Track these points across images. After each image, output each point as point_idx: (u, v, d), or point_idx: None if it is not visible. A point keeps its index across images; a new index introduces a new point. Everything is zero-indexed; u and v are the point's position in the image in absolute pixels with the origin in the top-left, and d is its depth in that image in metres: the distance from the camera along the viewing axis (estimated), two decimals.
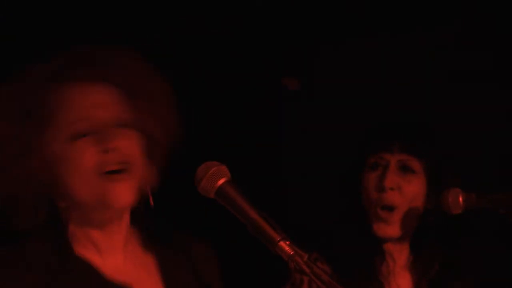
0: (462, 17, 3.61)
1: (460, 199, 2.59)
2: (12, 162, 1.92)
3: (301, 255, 1.84)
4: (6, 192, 1.93)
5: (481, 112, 3.61)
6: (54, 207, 1.97)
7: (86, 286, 1.96)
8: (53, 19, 3.25)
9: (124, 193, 1.91)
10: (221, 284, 2.18)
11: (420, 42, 3.63)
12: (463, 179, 2.72)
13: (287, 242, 1.86)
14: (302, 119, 3.64)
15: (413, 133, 2.75)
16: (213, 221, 2.40)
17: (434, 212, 2.68)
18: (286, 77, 3.50)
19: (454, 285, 2.73)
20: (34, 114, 1.93)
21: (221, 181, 1.92)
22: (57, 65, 1.95)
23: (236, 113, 2.58)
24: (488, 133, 3.60)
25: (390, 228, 2.70)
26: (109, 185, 1.90)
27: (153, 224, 2.10)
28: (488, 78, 3.64)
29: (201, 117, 3.09)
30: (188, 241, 2.15)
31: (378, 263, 2.70)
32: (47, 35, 3.09)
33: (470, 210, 2.62)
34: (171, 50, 3.20)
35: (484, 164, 3.55)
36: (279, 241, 1.85)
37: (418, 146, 2.70)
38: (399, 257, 2.74)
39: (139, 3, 3.34)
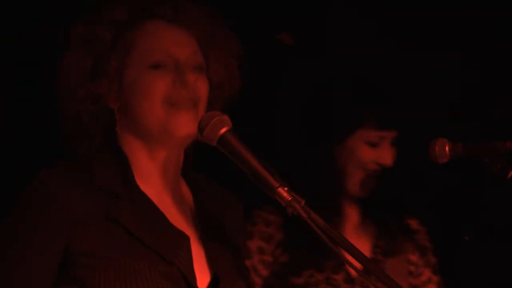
0: None
1: (447, 148, 2.65)
2: (85, 83, 2.07)
3: (298, 201, 1.91)
4: (75, 111, 2.08)
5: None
6: (113, 133, 2.11)
7: (147, 218, 2.05)
8: None
9: (187, 124, 2.04)
10: (243, 238, 2.33)
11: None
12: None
13: (285, 189, 1.92)
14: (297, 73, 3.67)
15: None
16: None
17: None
18: (281, 32, 3.57)
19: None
20: (113, 41, 2.07)
21: (223, 130, 1.98)
22: (149, 1, 2.11)
23: None
24: None
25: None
26: (174, 114, 2.03)
27: (193, 170, 2.23)
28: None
29: None
30: (222, 191, 2.30)
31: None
32: None
33: (456, 159, 2.70)
34: None
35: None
36: (277, 187, 1.92)
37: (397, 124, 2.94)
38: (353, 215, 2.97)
39: None
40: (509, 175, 2.61)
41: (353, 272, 2.85)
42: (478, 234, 3.75)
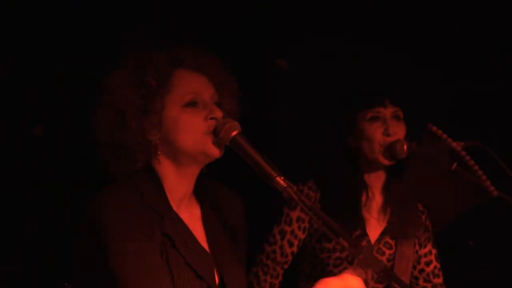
0: None
1: (405, 147, 3.25)
2: (137, 118, 2.41)
3: (291, 187, 2.30)
4: (123, 141, 2.41)
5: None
6: (149, 159, 2.45)
7: (183, 236, 2.42)
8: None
9: (220, 147, 2.43)
10: (246, 234, 2.67)
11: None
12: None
13: (282, 178, 2.31)
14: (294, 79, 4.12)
15: (395, 89, 3.39)
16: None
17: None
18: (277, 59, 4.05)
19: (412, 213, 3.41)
20: (157, 86, 2.44)
21: (234, 132, 2.39)
22: (179, 54, 2.50)
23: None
24: None
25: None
26: (209, 140, 2.42)
27: (200, 178, 2.55)
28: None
29: None
30: (224, 192, 2.65)
31: (360, 195, 3.32)
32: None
33: (412, 155, 3.25)
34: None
35: None
36: (275, 177, 2.31)
37: (400, 99, 3.35)
38: (376, 185, 3.37)
39: None
40: (453, 168, 3.20)
41: (372, 241, 3.32)
42: None
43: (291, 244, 3.31)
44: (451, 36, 4.12)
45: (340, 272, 3.17)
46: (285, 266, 3.35)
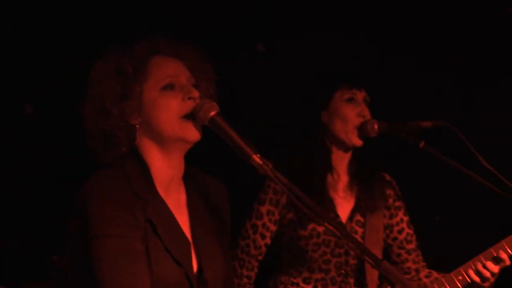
0: None
1: (375, 126, 3.40)
2: (117, 104, 2.49)
3: (267, 164, 2.34)
4: (107, 128, 2.49)
5: None
6: (133, 144, 2.50)
7: (166, 222, 2.46)
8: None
9: (196, 132, 2.49)
10: (229, 217, 2.72)
11: None
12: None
13: (258, 155, 2.35)
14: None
15: (366, 76, 3.55)
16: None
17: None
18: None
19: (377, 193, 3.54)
20: (134, 72, 2.51)
21: (213, 113, 2.44)
22: (155, 43, 2.58)
23: None
24: None
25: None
26: (187, 124, 2.48)
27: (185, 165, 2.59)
28: None
29: None
30: (208, 180, 2.70)
31: (326, 176, 3.44)
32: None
33: (383, 134, 3.39)
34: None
35: None
36: (252, 154, 2.35)
37: (368, 85, 3.51)
38: (341, 165, 3.50)
39: None
40: (421, 146, 3.35)
41: (343, 220, 3.44)
42: None
43: (263, 237, 3.42)
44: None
45: (320, 256, 3.36)
46: (260, 258, 3.46)
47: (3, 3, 3.75)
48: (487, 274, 3.24)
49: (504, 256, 3.24)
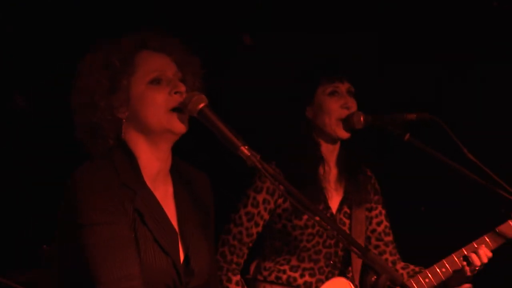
0: None
1: (361, 118, 3.45)
2: (104, 97, 2.52)
3: (255, 155, 2.37)
4: (94, 120, 2.51)
5: None
6: (120, 135, 2.54)
7: (153, 212, 2.50)
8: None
9: (182, 124, 2.53)
10: (213, 208, 2.75)
11: None
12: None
13: (246, 147, 2.38)
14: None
15: (350, 68, 3.59)
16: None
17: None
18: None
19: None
20: (121, 66, 2.54)
21: (202, 105, 2.47)
22: (143, 37, 2.62)
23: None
24: None
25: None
26: (173, 116, 2.51)
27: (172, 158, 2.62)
28: None
29: None
30: (193, 172, 2.73)
31: (318, 168, 3.48)
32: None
33: (369, 127, 3.43)
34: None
35: None
36: (240, 146, 2.37)
37: (352, 77, 3.55)
38: (331, 158, 3.55)
39: None
40: (406, 138, 3.39)
41: (333, 212, 3.49)
42: None
43: (257, 225, 3.44)
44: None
45: (313, 246, 3.42)
46: (250, 245, 3.48)
47: None
48: (478, 262, 3.31)
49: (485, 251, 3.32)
